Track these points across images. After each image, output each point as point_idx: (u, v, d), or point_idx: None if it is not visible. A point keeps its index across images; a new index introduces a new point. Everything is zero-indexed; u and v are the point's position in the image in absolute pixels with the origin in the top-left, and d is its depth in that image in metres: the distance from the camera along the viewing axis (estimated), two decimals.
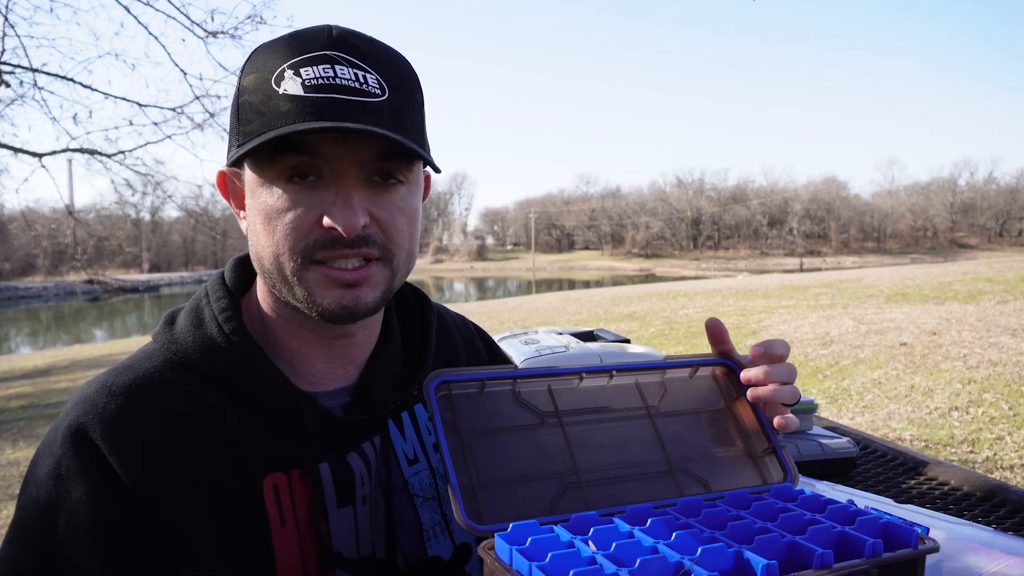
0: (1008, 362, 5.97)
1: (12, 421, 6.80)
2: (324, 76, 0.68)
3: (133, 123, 8.84)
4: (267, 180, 0.71)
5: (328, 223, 0.69)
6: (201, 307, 0.80)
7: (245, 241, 0.79)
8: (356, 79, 0.69)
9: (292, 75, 0.68)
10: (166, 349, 0.77)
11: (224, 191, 0.81)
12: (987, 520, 1.22)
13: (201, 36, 8.17)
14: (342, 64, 0.69)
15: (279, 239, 0.71)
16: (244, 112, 0.71)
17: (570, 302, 16.22)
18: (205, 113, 8.72)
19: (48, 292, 42.22)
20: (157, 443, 0.70)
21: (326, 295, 0.72)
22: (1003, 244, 79.61)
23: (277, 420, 0.76)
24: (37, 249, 13.22)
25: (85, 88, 8.29)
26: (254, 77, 0.71)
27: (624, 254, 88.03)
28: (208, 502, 0.70)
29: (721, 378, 0.92)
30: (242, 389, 0.75)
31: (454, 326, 1.02)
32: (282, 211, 0.70)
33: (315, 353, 0.81)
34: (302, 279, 0.72)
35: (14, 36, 7.66)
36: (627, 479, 0.80)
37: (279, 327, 0.80)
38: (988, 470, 4.01)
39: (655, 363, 0.88)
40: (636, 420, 0.85)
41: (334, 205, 0.69)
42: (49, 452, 0.70)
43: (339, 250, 0.70)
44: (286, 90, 0.68)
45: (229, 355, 0.75)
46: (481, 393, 0.79)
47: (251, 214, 0.74)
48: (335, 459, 0.78)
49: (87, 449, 0.68)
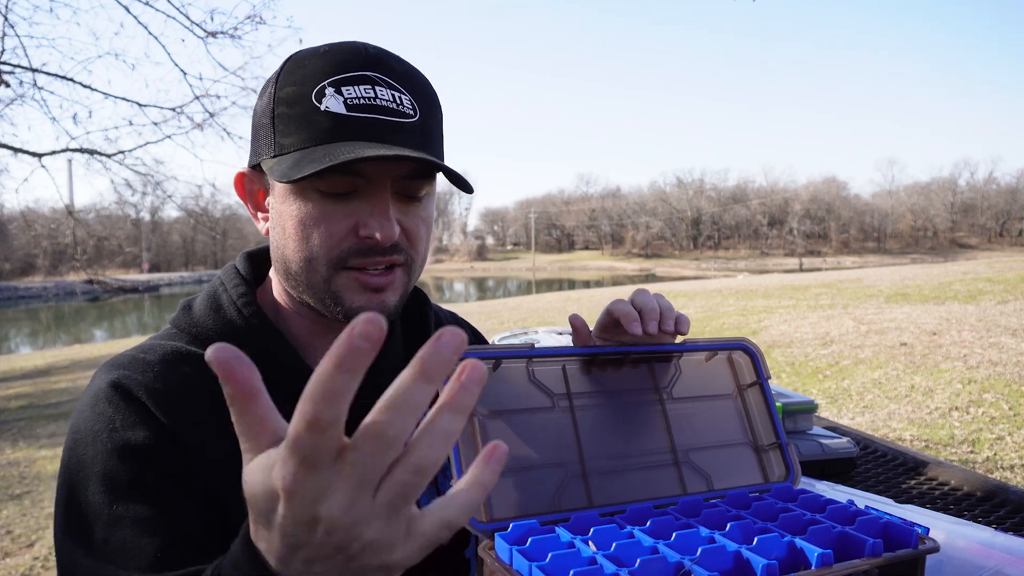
0: (1008, 362, 5.98)
1: (12, 421, 6.80)
2: (366, 96, 0.72)
3: (133, 123, 8.86)
4: (301, 189, 0.74)
5: (365, 233, 0.73)
6: (218, 293, 0.83)
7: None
8: (394, 100, 0.73)
9: (334, 93, 0.72)
10: (186, 332, 0.81)
11: (241, 191, 0.83)
12: (987, 520, 1.22)
13: (201, 36, 8.19)
14: (381, 85, 0.73)
15: (313, 246, 0.74)
16: (282, 123, 0.74)
17: (570, 302, 16.23)
18: (205, 113, 8.74)
19: (48, 292, 42.23)
20: (190, 410, 0.73)
21: (356, 299, 0.76)
22: (1003, 244, 79.64)
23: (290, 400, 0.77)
24: (37, 249, 13.23)
25: (85, 88, 8.31)
26: (292, 90, 0.73)
27: (624, 254, 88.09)
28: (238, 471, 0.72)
29: (736, 363, 0.91)
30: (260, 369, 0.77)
31: (447, 323, 1.06)
32: (318, 220, 0.73)
33: (324, 347, 0.84)
34: (332, 283, 0.75)
35: (14, 36, 7.68)
36: (631, 469, 0.80)
37: (292, 321, 0.84)
38: (988, 470, 4.01)
39: (672, 346, 0.87)
40: (647, 404, 0.84)
41: (371, 216, 0.73)
42: (95, 414, 0.72)
43: (372, 257, 0.75)
44: (328, 107, 0.71)
45: (248, 336, 0.79)
46: (495, 371, 0.79)
47: (281, 219, 0.76)
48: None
49: (136, 403, 0.72)
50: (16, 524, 4.00)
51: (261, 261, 0.89)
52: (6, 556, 3.59)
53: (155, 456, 0.70)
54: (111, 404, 0.72)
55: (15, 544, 3.73)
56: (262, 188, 0.80)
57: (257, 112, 0.79)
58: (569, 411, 0.80)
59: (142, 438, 0.70)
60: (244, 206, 0.86)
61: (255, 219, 0.83)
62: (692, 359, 0.89)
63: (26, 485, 4.71)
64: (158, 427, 0.71)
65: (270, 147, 0.75)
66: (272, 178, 0.76)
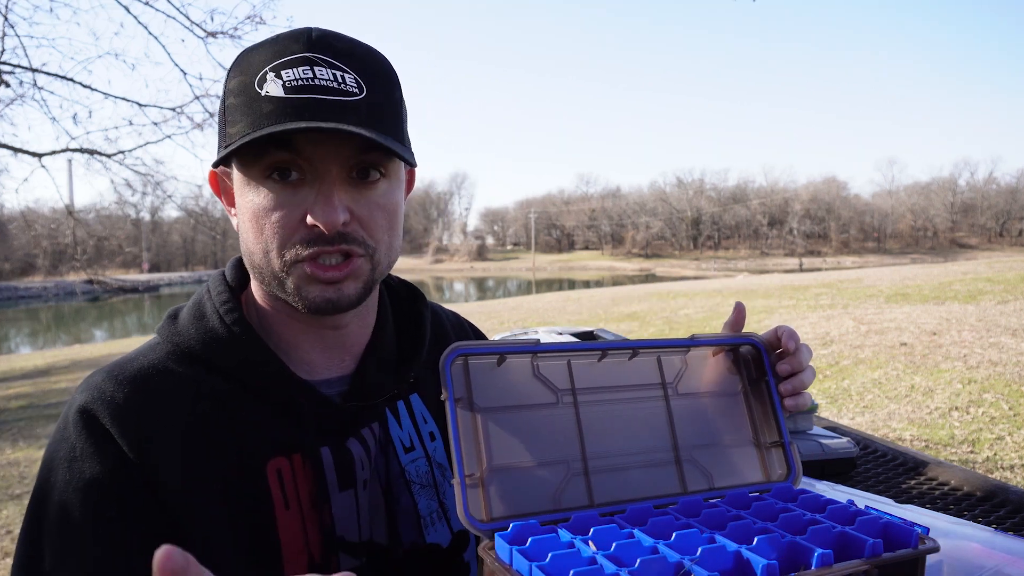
0: (1008, 362, 5.98)
1: (12, 421, 6.80)
2: (303, 77, 0.71)
3: (133, 123, 8.84)
4: (253, 179, 0.74)
5: (311, 221, 0.72)
6: (203, 302, 0.83)
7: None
8: (334, 79, 0.72)
9: (273, 77, 0.71)
10: (169, 341, 0.80)
11: (216, 190, 0.84)
12: (987, 520, 1.22)
13: (201, 36, 8.18)
14: (320, 65, 0.72)
15: (267, 237, 0.74)
16: (229, 114, 0.74)
17: (570, 302, 16.23)
18: (205, 113, 8.72)
19: (48, 292, 42.21)
20: (163, 429, 0.72)
21: (311, 290, 0.75)
22: (1003, 244, 79.61)
23: (277, 407, 0.78)
24: (37, 249, 13.22)
25: (85, 88, 8.30)
26: (238, 81, 0.74)
27: (624, 254, 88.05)
28: (214, 486, 0.72)
29: (744, 358, 0.90)
30: (243, 378, 0.78)
31: (447, 321, 1.05)
32: (268, 210, 0.73)
33: (309, 344, 0.84)
34: (288, 275, 0.75)
35: (14, 36, 7.67)
36: (633, 467, 0.80)
37: (274, 320, 0.83)
38: (988, 470, 4.01)
39: (680, 341, 0.87)
40: (651, 400, 0.84)
41: (316, 203, 0.72)
42: (62, 438, 0.72)
43: (321, 247, 0.73)
44: (268, 92, 0.71)
45: (230, 345, 0.78)
46: (499, 366, 0.78)
47: (240, 213, 0.77)
48: (335, 443, 0.80)
49: (97, 432, 0.71)
50: (16, 524, 4.00)
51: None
52: (6, 556, 3.59)
53: (111, 489, 0.69)
54: (76, 430, 0.71)
55: (15, 544, 3.73)
56: (231, 184, 0.80)
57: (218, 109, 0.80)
58: (573, 407, 0.80)
59: (98, 471, 0.69)
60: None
61: (231, 216, 0.83)
62: (699, 354, 0.88)
63: (26, 485, 4.71)
64: (118, 458, 0.70)
65: (223, 139, 0.76)
66: (212, 165, 0.77)
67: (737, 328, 0.91)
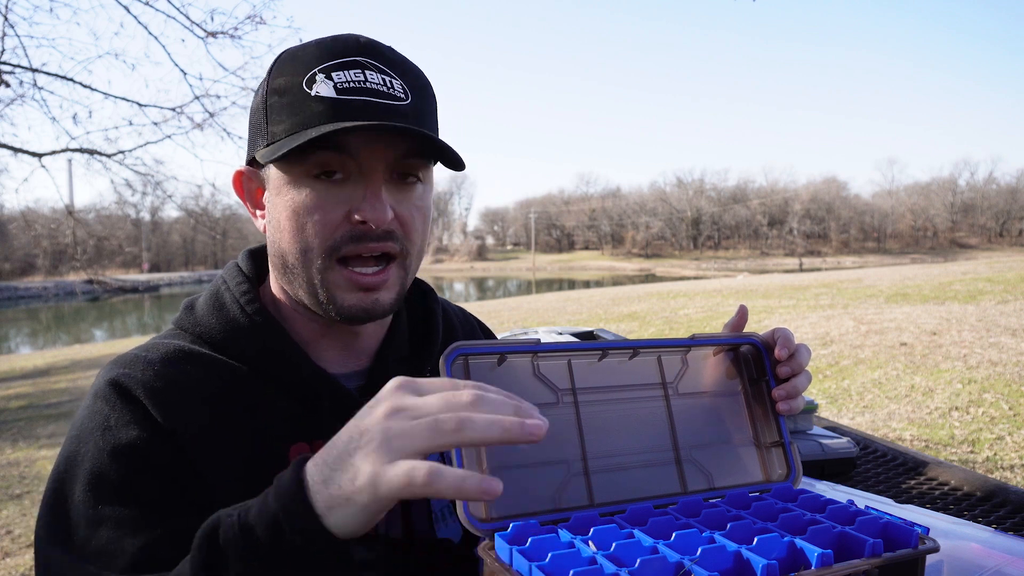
0: (1008, 362, 5.97)
1: (12, 421, 6.80)
2: (355, 80, 0.73)
3: (133, 123, 8.84)
4: (295, 177, 0.74)
5: (358, 218, 0.73)
6: (221, 292, 0.83)
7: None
8: (384, 84, 0.74)
9: (324, 79, 0.72)
10: (189, 331, 0.81)
11: (239, 190, 0.84)
12: (987, 520, 1.22)
13: (201, 36, 8.16)
14: (371, 69, 0.74)
15: (308, 235, 0.74)
16: (274, 113, 0.74)
17: (570, 302, 16.23)
18: (205, 113, 8.71)
19: (48, 292, 42.13)
20: (190, 406, 0.73)
21: (347, 297, 0.76)
22: (1003, 244, 79.59)
23: (297, 395, 0.79)
24: (37, 249, 13.22)
25: (85, 88, 8.29)
26: (284, 80, 0.74)
27: (624, 254, 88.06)
28: (237, 466, 0.73)
29: (745, 358, 0.90)
30: (263, 366, 0.79)
31: (456, 318, 1.05)
32: (311, 208, 0.73)
33: (327, 343, 0.85)
34: (325, 279, 0.75)
35: (14, 36, 7.66)
36: (633, 467, 0.80)
37: (292, 317, 0.84)
38: (988, 470, 4.01)
39: (681, 341, 0.87)
40: (651, 400, 0.84)
41: (364, 199, 0.73)
42: (91, 413, 0.73)
43: (365, 244, 0.74)
44: (318, 92, 0.72)
45: (251, 333, 0.79)
46: (499, 366, 0.78)
47: (276, 211, 0.77)
48: None
49: (132, 403, 0.72)
50: (16, 524, 4.00)
51: (263, 258, 0.89)
52: (6, 556, 3.59)
53: (147, 456, 0.70)
54: (107, 402, 0.72)
55: (15, 544, 3.73)
56: (260, 185, 0.81)
57: (252, 109, 0.80)
58: (573, 407, 0.80)
59: (134, 438, 0.70)
60: (244, 206, 0.86)
61: (254, 217, 0.83)
62: (699, 354, 0.88)
63: (26, 485, 4.70)
64: (153, 427, 0.71)
65: (263, 137, 0.76)
66: (262, 161, 0.76)
67: (738, 330, 0.91)
